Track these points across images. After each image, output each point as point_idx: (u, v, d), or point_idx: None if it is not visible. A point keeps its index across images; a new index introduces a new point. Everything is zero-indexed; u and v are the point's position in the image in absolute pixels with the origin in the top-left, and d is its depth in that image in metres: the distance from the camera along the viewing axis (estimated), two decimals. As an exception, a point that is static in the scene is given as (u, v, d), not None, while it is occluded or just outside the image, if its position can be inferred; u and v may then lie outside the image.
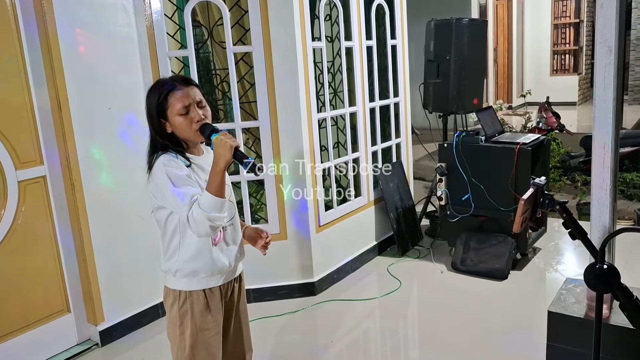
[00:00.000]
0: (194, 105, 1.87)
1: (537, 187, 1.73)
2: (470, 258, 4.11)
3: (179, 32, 3.75)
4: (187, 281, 1.97)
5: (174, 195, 1.81)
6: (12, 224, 3.01)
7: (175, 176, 1.83)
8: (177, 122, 1.87)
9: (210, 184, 1.80)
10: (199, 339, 1.97)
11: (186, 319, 1.96)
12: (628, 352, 2.00)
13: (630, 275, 3.74)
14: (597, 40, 1.99)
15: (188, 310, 1.96)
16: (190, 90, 1.89)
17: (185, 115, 1.86)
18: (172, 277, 1.99)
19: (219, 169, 1.79)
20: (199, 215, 1.76)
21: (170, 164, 1.85)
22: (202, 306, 1.97)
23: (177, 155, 1.90)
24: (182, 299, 1.97)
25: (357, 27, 4.09)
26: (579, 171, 6.14)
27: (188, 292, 1.97)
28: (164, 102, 1.86)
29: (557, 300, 2.22)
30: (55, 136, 3.12)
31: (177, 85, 1.88)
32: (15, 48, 2.98)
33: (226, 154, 1.78)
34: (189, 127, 1.87)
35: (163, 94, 1.87)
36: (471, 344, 3.18)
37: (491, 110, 4.54)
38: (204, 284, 1.98)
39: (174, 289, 1.99)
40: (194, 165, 1.92)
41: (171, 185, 1.82)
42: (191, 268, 1.95)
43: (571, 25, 13.55)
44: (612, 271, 1.39)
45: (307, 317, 3.64)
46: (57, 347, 3.24)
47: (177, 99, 1.86)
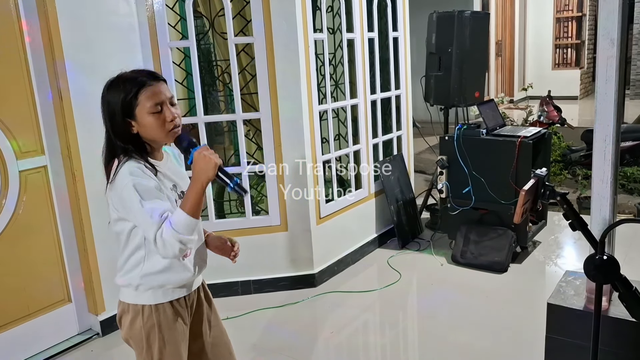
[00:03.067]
0: (167, 103, 1.70)
1: (538, 178, 1.73)
2: (470, 251, 4.12)
3: (180, 22, 3.74)
4: (152, 294, 1.79)
5: (143, 211, 1.62)
6: (13, 213, 3.02)
7: (144, 188, 1.64)
8: (148, 122, 1.68)
9: (186, 203, 1.62)
10: (167, 352, 1.81)
11: (152, 334, 1.79)
12: (627, 344, 2.00)
13: (631, 268, 3.75)
14: (599, 32, 1.98)
15: (154, 325, 1.79)
16: (162, 87, 1.71)
17: (158, 114, 1.68)
18: (132, 290, 1.79)
19: (199, 186, 1.62)
20: (169, 237, 1.59)
21: (138, 174, 1.66)
22: (170, 318, 1.81)
23: (142, 162, 1.70)
24: (146, 314, 1.79)
25: (358, 19, 4.08)
26: (579, 165, 6.13)
27: (153, 305, 1.79)
28: (132, 99, 1.67)
29: (557, 292, 2.22)
30: (56, 126, 3.13)
31: (147, 81, 1.70)
32: (17, 38, 2.97)
33: (209, 171, 1.62)
34: (162, 127, 1.69)
35: (132, 91, 1.67)
36: (470, 336, 3.19)
37: (492, 104, 4.53)
38: (170, 296, 1.81)
39: (134, 304, 1.80)
40: (159, 173, 1.74)
41: (139, 199, 1.63)
42: (158, 281, 1.78)
43: (573, 19, 13.51)
44: (612, 262, 1.40)
45: (307, 308, 3.65)
46: (58, 336, 3.26)
47: (148, 97, 1.67)
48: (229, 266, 2.29)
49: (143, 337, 1.80)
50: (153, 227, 1.61)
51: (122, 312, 1.84)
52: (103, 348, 3.28)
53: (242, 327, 3.35)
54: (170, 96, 1.73)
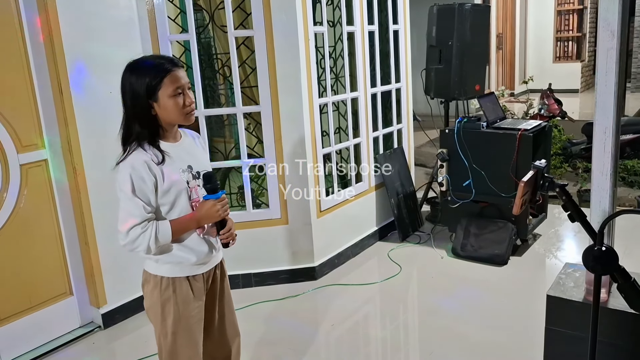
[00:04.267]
0: (186, 88, 1.84)
1: (537, 169, 1.73)
2: (471, 244, 4.12)
3: (180, 15, 3.73)
4: (171, 268, 1.91)
5: (130, 202, 1.79)
6: (15, 207, 3.03)
7: (139, 184, 1.79)
8: (168, 105, 1.81)
9: (178, 227, 1.84)
10: (181, 326, 1.93)
11: (168, 306, 1.91)
12: (626, 336, 2.01)
13: (631, 261, 3.75)
14: (599, 24, 1.98)
15: (170, 297, 1.91)
16: (182, 72, 1.84)
17: (178, 97, 1.82)
18: (153, 262, 1.92)
19: (195, 223, 1.87)
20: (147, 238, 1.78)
21: (139, 169, 1.79)
22: (185, 293, 1.92)
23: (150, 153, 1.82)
24: (164, 285, 1.91)
25: (359, 11, 4.07)
26: (580, 158, 6.13)
27: (171, 278, 1.91)
28: (158, 83, 1.79)
29: (556, 284, 2.23)
30: (57, 120, 3.13)
31: (171, 67, 1.82)
32: (17, 32, 2.97)
33: (211, 220, 1.87)
34: (180, 110, 1.83)
35: (159, 76, 1.80)
36: (471, 328, 3.21)
37: (493, 97, 4.53)
38: (188, 272, 1.93)
39: (155, 274, 1.93)
40: (167, 158, 1.85)
41: (130, 189, 1.78)
42: (176, 257, 1.90)
43: (574, 12, 13.46)
44: (610, 253, 1.40)
45: (307, 301, 3.67)
46: (60, 329, 3.27)
47: (172, 81, 1.80)
48: (230, 259, 2.30)
49: (159, 308, 1.92)
50: (130, 220, 1.78)
51: (144, 281, 1.98)
52: (105, 341, 3.29)
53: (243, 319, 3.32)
54: (188, 82, 1.86)
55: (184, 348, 1.96)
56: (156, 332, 1.99)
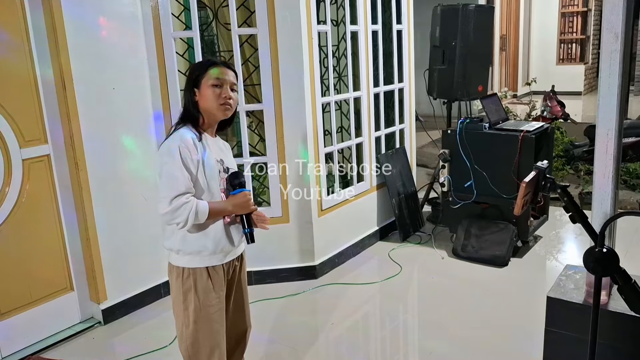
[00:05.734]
0: (227, 84, 1.99)
1: (539, 170, 1.73)
2: (471, 244, 4.12)
3: (183, 13, 3.73)
4: (190, 259, 2.02)
5: (176, 171, 1.89)
6: (17, 201, 3.03)
7: (186, 157, 1.91)
8: (206, 93, 1.98)
9: (214, 208, 1.95)
10: (202, 315, 2.02)
11: (189, 295, 2.02)
12: (626, 338, 2.01)
13: (632, 264, 3.75)
14: (603, 26, 1.98)
15: (191, 287, 2.01)
16: (229, 72, 2.02)
17: (215, 87, 1.97)
18: (174, 254, 2.04)
19: (229, 211, 1.99)
20: (188, 210, 1.88)
21: (188, 144, 1.92)
22: (205, 283, 2.02)
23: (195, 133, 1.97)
24: (185, 276, 2.02)
25: (362, 11, 4.07)
26: (582, 160, 6.12)
27: (191, 269, 2.02)
28: (202, 72, 1.99)
29: (557, 286, 2.23)
30: (60, 115, 3.13)
31: (220, 64, 2.02)
32: (20, 26, 2.97)
33: (243, 210, 2.00)
34: (216, 100, 1.97)
35: (205, 66, 2.00)
36: (470, 329, 3.21)
37: (495, 98, 4.52)
38: (207, 262, 2.03)
39: (177, 266, 2.04)
40: (206, 145, 2.00)
41: (180, 160, 1.89)
42: (195, 247, 2.00)
43: (579, 14, 13.43)
44: (611, 255, 1.40)
45: (307, 299, 3.67)
46: (60, 324, 3.28)
47: (218, 73, 1.98)
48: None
49: (181, 297, 2.03)
50: (175, 189, 1.88)
51: (169, 272, 2.09)
52: (104, 336, 3.30)
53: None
54: (233, 82, 2.02)
55: (205, 338, 2.03)
56: (178, 324, 2.07)
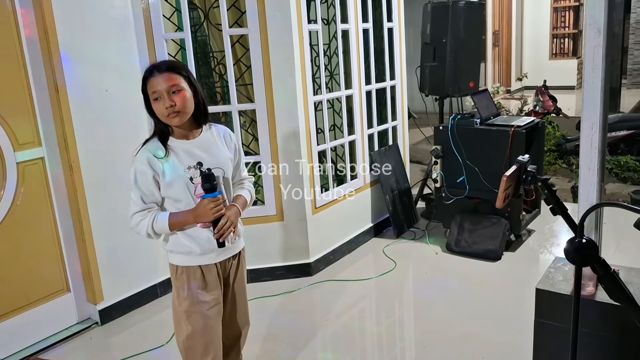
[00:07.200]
0: (164, 93, 1.92)
1: (520, 164, 1.77)
2: (465, 239, 4.16)
3: (175, 14, 3.75)
4: (182, 257, 2.07)
5: (133, 191, 2.01)
6: (12, 204, 3.05)
7: (140, 176, 1.98)
8: (154, 107, 1.96)
9: (176, 221, 1.99)
10: (196, 311, 2.05)
11: (182, 292, 2.07)
12: (614, 329, 2.04)
13: (623, 256, 3.79)
14: (586, 21, 2.00)
15: (184, 283, 2.06)
16: (161, 78, 1.92)
17: (156, 101, 1.94)
18: (169, 253, 2.11)
19: (191, 220, 1.99)
20: (145, 226, 1.99)
21: (141, 164, 1.97)
22: (199, 280, 2.06)
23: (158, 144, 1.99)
24: (178, 272, 2.08)
25: (353, 9, 4.10)
26: (574, 154, 6.16)
27: (184, 267, 2.07)
28: (145, 86, 1.96)
29: (545, 278, 2.26)
30: (53, 118, 3.15)
31: (149, 74, 1.95)
32: (12, 30, 2.99)
33: (206, 219, 1.97)
34: (162, 112, 1.94)
35: (144, 78, 1.96)
36: (464, 322, 3.24)
37: (487, 93, 4.56)
38: (199, 261, 2.07)
39: (172, 264, 2.11)
40: (173, 154, 1.99)
41: (133, 180, 1.99)
42: (184, 249, 2.05)
43: (571, 9, 13.48)
44: (590, 245, 1.44)
45: (303, 297, 3.70)
46: (57, 325, 3.30)
47: (151, 86, 1.94)
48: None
49: (176, 293, 2.09)
50: (133, 207, 2.01)
51: (170, 270, 2.14)
52: (102, 337, 3.32)
53: (239, 315, 3.39)
54: (169, 85, 1.92)
55: (200, 334, 2.06)
56: (174, 319, 2.12)
